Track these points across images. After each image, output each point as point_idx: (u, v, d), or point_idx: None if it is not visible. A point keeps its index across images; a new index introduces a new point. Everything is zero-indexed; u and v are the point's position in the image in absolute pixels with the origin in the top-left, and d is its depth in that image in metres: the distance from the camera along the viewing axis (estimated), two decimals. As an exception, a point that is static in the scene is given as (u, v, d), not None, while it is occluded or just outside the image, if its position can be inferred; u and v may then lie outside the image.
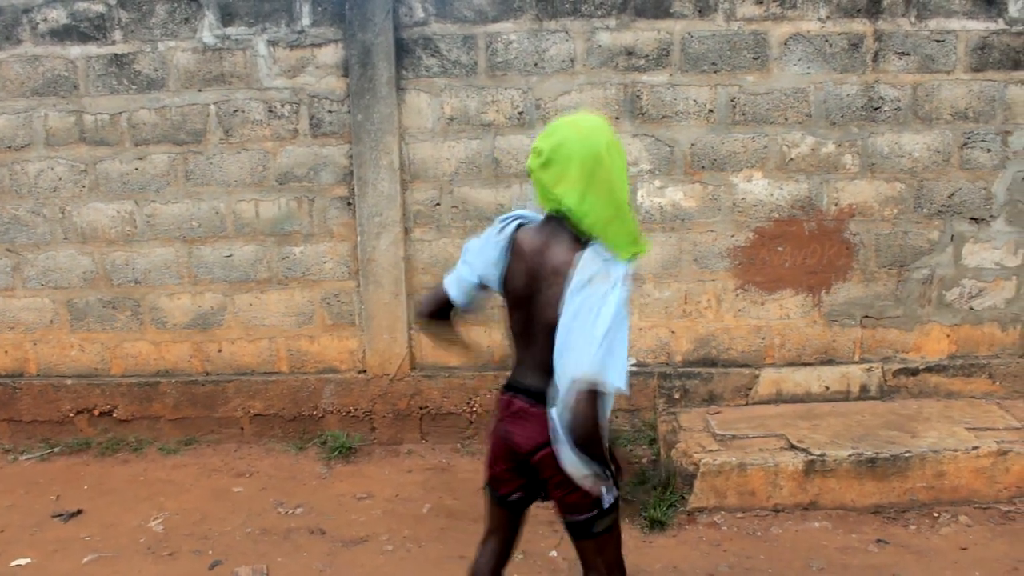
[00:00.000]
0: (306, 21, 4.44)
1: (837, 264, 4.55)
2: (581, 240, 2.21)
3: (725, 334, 4.65)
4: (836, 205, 4.49)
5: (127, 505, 4.16)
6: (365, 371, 4.74)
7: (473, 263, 2.46)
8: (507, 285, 2.40)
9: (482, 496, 2.65)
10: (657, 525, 3.78)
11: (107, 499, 4.23)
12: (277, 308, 4.74)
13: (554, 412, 2.22)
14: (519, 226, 2.41)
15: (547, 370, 2.24)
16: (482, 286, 2.48)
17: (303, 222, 4.64)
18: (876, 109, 4.39)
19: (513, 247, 2.37)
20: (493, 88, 4.45)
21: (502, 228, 2.42)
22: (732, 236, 4.54)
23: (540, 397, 2.32)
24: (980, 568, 3.44)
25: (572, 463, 2.23)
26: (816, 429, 4.15)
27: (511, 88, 4.44)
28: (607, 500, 2.35)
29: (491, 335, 4.67)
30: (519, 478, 2.48)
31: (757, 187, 4.48)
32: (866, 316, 4.60)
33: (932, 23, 4.32)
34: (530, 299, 2.31)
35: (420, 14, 4.42)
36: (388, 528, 3.88)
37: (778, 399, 4.60)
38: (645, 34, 4.37)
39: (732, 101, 4.41)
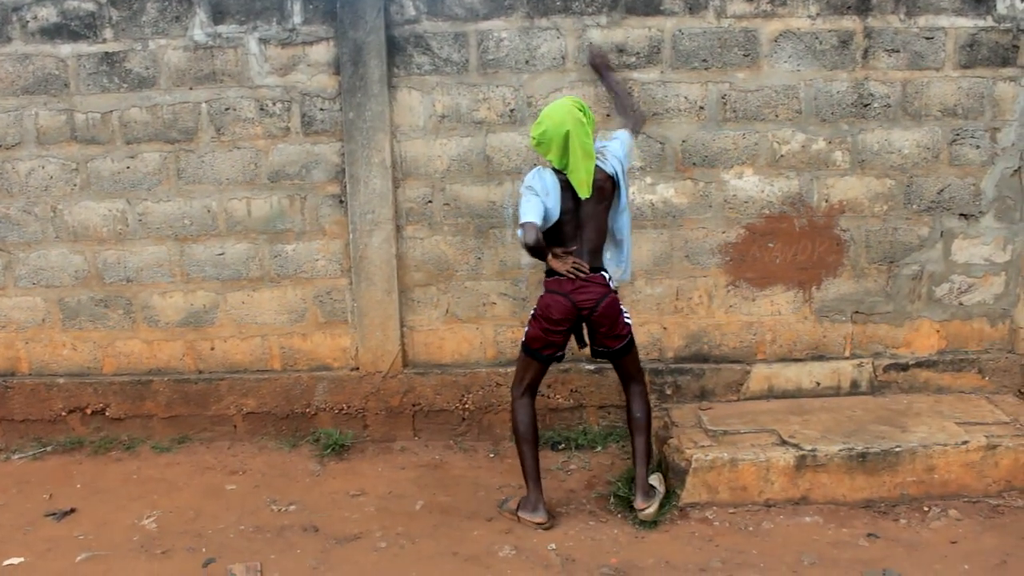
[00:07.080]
0: (297, 19, 4.44)
1: (827, 260, 4.57)
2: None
3: (716, 330, 4.67)
4: (827, 201, 4.51)
5: (120, 503, 4.16)
6: (358, 368, 4.74)
7: (544, 196, 3.59)
8: (562, 206, 3.63)
9: (475, 493, 4.16)
10: (649, 520, 3.79)
11: (100, 498, 4.23)
12: (270, 306, 4.74)
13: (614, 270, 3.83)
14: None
15: (593, 251, 3.71)
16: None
17: (295, 220, 4.64)
18: (866, 106, 4.41)
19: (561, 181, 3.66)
20: (484, 86, 4.46)
21: (554, 172, 3.66)
22: (723, 232, 4.56)
23: (593, 270, 3.69)
24: (969, 561, 3.46)
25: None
26: (807, 424, 4.17)
27: (502, 86, 4.44)
28: (630, 325, 3.83)
29: (483, 332, 4.68)
30: (566, 337, 3.75)
31: (748, 184, 4.50)
32: (856, 312, 4.62)
33: (921, 20, 4.34)
34: (579, 210, 3.67)
35: (411, 12, 4.42)
36: (381, 525, 3.89)
37: (769, 395, 4.63)
38: (636, 31, 4.38)
39: (723, 98, 4.42)
